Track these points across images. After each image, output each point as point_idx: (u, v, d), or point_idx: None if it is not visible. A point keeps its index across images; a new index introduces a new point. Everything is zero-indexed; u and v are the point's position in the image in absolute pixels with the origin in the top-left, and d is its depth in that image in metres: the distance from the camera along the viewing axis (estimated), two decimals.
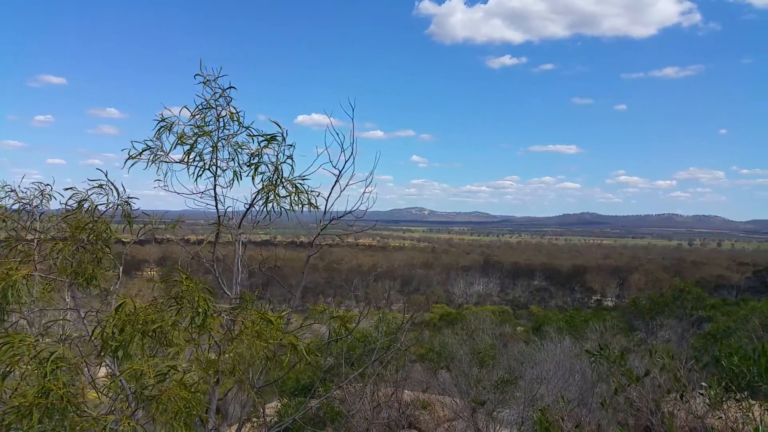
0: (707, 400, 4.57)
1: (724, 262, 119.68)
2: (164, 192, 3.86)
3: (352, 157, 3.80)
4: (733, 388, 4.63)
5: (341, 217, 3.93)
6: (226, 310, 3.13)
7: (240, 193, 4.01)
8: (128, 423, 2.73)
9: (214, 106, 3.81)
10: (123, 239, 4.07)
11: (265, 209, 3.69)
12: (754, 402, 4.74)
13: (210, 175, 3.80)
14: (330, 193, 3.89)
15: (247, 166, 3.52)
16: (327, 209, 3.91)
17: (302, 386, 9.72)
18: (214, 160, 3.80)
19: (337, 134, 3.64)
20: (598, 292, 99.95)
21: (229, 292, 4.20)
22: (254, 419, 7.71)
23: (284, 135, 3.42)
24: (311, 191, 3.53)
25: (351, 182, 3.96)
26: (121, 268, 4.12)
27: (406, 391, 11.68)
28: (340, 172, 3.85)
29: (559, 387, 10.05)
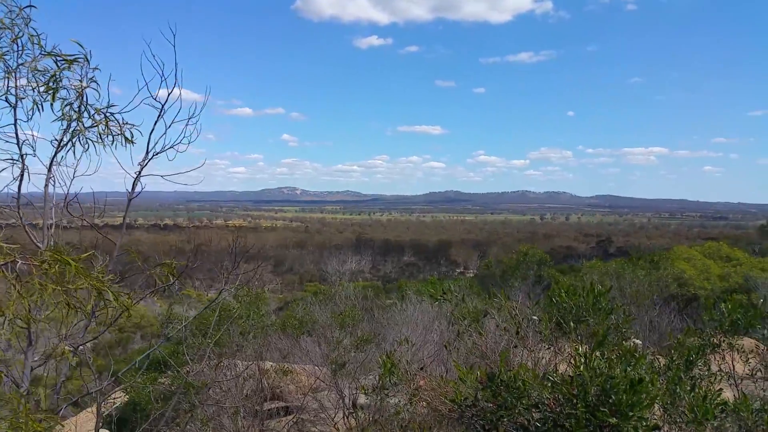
0: (540, 335, 4.89)
1: (572, 234, 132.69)
2: None
3: (176, 87, 3.44)
4: (563, 322, 4.97)
5: (163, 150, 3.56)
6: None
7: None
8: None
9: (9, 26, 3.27)
10: None
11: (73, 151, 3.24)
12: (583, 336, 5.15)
13: (6, 105, 3.27)
14: (153, 129, 3.51)
15: (46, 92, 3.05)
16: (151, 148, 3.53)
17: (153, 361, 9.11)
18: (12, 89, 3.28)
19: (156, 61, 3.26)
20: (462, 265, 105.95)
21: (40, 245, 3.70)
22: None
23: (88, 56, 3.00)
24: (126, 123, 3.15)
25: (178, 119, 3.60)
26: None
27: (269, 362, 11.44)
28: (162, 105, 3.48)
29: (418, 346, 10.39)
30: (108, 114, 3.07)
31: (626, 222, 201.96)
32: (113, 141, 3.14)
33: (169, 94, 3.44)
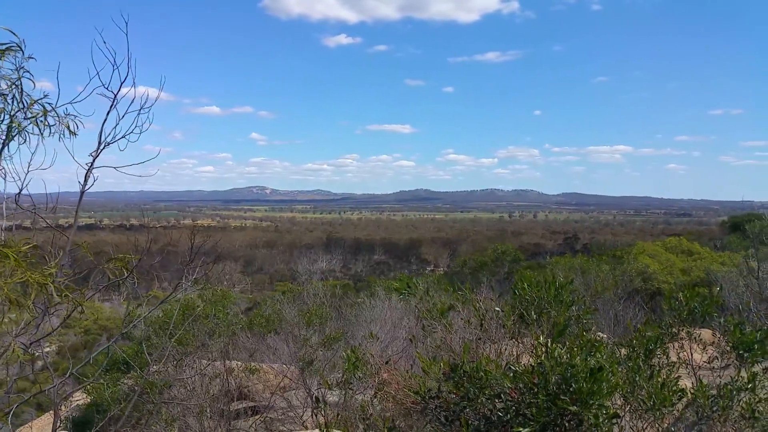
0: (502, 326, 4.91)
1: (539, 231, 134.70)
2: None
3: (130, 76, 3.31)
4: (525, 314, 4.99)
5: (114, 141, 3.43)
6: None
7: None
8: None
9: None
10: None
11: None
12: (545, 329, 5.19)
13: None
14: (105, 120, 3.38)
15: None
16: (103, 139, 3.40)
17: (114, 361, 8.89)
18: None
19: (107, 48, 3.12)
20: (432, 263, 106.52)
21: None
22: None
23: (21, 45, 2.85)
24: (69, 115, 3.01)
25: (131, 109, 3.46)
26: None
27: (236, 362, 11.28)
28: (115, 95, 3.35)
29: (386, 343, 10.37)
30: (45, 105, 2.94)
31: (592, 219, 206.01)
32: (51, 133, 3.00)
33: (121, 84, 3.32)
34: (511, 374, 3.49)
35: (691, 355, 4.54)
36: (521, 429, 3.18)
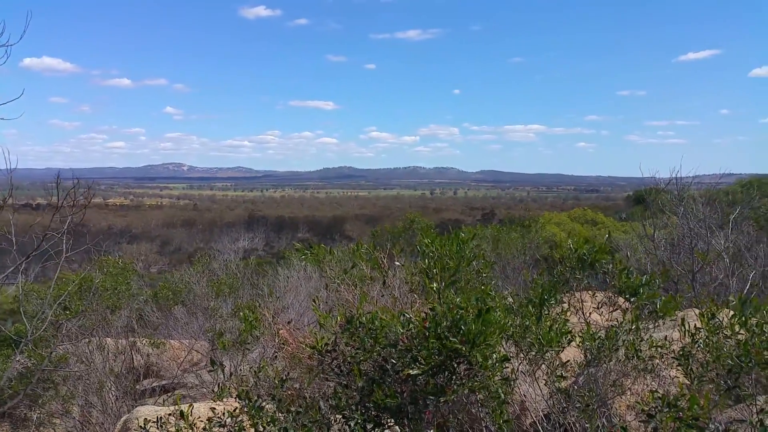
0: (406, 282, 4.92)
1: (459, 208, 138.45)
2: None
3: None
4: (427, 269, 5.00)
5: None
6: None
7: None
8: None
9: None
10: None
11: None
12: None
13: None
14: None
15: None
16: None
17: (4, 338, 8.24)
18: None
19: None
20: (356, 240, 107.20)
21: None
22: None
23: None
24: None
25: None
26: None
27: (142, 339, 10.78)
28: None
29: (301, 313, 10.23)
30: None
31: (508, 196, 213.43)
32: None
33: None
34: (405, 321, 3.47)
35: (582, 302, 4.73)
36: (411, 371, 3.16)
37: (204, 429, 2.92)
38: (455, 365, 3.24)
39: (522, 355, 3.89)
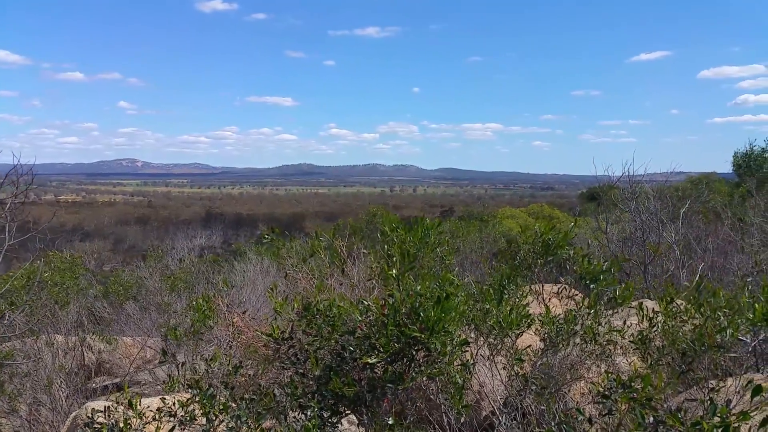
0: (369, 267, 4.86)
1: (419, 205, 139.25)
2: None
3: None
4: (388, 257, 4.94)
5: None
6: None
7: None
8: None
9: None
10: None
11: None
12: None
13: None
14: None
15: None
16: None
17: None
18: None
19: None
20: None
21: None
22: None
23: None
24: None
25: None
26: None
27: (92, 336, 10.41)
28: None
29: (258, 307, 10.04)
30: None
31: (466, 193, 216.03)
32: None
33: None
34: (363, 308, 3.40)
35: (542, 286, 4.76)
36: (369, 359, 3.10)
37: (153, 418, 2.79)
38: (414, 352, 3.20)
39: (482, 339, 3.88)
